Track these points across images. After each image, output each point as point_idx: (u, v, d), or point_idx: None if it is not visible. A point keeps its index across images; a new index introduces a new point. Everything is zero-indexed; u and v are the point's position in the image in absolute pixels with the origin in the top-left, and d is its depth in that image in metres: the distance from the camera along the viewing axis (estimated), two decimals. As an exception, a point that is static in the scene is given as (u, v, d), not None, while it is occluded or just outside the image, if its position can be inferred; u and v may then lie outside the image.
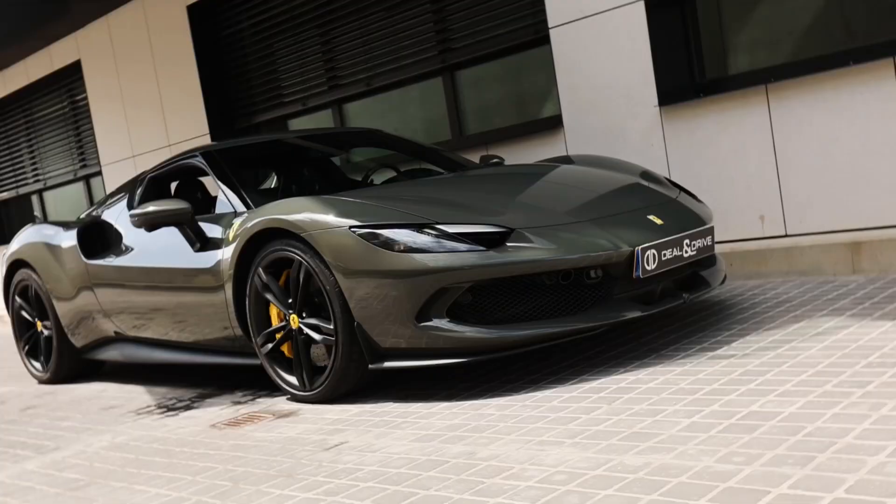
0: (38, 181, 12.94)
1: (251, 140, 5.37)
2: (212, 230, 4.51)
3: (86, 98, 11.28)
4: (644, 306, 3.75)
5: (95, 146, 11.22)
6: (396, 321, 3.62)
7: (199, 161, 5.04)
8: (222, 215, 4.56)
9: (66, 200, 12.57)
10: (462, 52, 7.05)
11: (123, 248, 5.23)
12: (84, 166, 11.81)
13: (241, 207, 4.52)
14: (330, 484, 2.84)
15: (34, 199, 13.30)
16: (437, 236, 3.59)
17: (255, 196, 4.66)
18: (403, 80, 7.62)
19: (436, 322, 3.57)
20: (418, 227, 3.64)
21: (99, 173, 11.28)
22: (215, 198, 4.88)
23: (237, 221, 4.32)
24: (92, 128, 11.26)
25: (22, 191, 13.39)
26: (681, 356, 3.61)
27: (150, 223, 4.55)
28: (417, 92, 7.67)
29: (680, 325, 4.22)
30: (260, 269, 4.06)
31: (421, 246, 3.57)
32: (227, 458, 3.41)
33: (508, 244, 3.56)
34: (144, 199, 5.35)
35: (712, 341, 3.77)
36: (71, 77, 11.59)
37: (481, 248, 3.54)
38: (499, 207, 3.92)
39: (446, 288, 3.53)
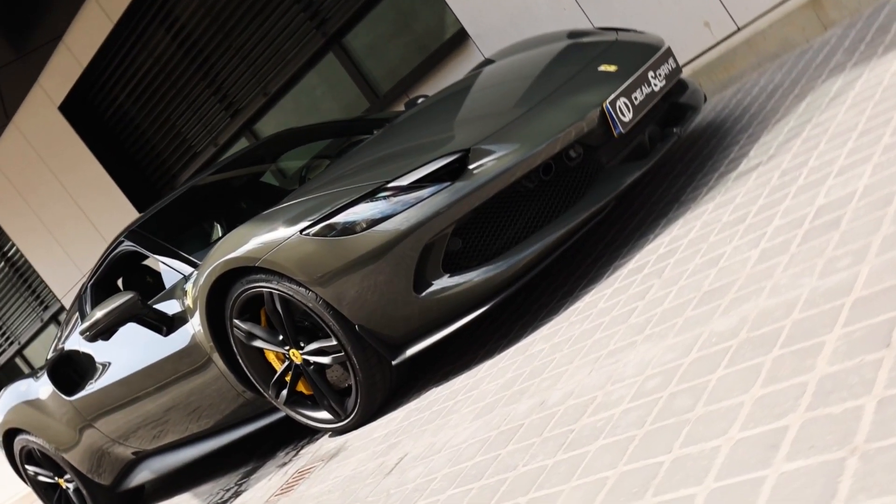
0: (12, 344, 12.45)
1: (168, 199, 4.86)
2: (171, 307, 4.04)
3: (13, 244, 10.77)
4: (641, 162, 3.28)
5: (45, 284, 10.72)
6: (398, 304, 3.15)
7: (127, 245, 4.55)
8: (173, 287, 4.08)
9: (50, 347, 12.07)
10: (338, 16, 6.55)
11: (99, 369, 4.76)
12: (45, 308, 11.32)
13: (187, 270, 4.03)
14: (408, 510, 2.39)
15: (18, 361, 12.81)
16: (394, 195, 3.11)
17: (199, 253, 4.17)
18: (297, 72, 7.11)
19: (437, 284, 3.10)
20: (371, 196, 3.15)
21: (62, 308, 10.79)
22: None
23: (189, 285, 3.84)
24: (33, 268, 10.76)
25: (2, 360, 12.89)
26: (705, 192, 3.15)
27: (105, 331, 4.03)
28: (320, 83, 7.16)
29: (685, 164, 3.75)
30: (235, 321, 3.59)
31: (382, 213, 3.09)
32: (292, 532, 2.96)
33: (471, 167, 3.09)
34: (95, 310, 4.86)
35: (728, 162, 3.31)
36: (-12, 231, 11.09)
37: (445, 184, 3.06)
38: (443, 135, 3.43)
39: (430, 243, 3.05)
